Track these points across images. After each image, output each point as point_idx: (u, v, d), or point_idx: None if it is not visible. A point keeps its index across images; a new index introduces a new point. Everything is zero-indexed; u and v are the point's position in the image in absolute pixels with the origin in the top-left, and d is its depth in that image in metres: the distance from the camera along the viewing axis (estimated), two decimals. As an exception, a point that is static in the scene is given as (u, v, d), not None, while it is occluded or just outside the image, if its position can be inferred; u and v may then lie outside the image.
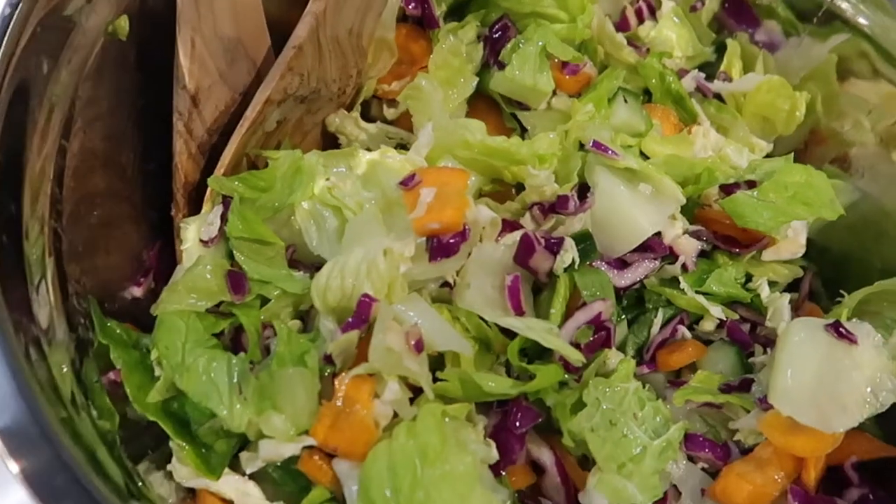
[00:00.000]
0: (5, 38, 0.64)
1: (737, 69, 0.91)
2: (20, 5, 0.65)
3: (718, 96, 0.90)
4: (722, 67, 0.91)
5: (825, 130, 0.90)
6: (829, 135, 0.90)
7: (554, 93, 0.87)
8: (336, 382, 0.69)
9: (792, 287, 0.86)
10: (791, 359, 0.68)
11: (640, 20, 0.93)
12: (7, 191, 0.63)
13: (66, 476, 0.55)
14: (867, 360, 0.68)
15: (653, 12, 0.93)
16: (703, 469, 0.73)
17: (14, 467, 0.54)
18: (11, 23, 0.64)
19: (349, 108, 0.89)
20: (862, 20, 0.84)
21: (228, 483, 0.71)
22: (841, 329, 0.68)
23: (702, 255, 0.81)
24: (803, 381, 0.66)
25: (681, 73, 0.89)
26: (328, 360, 0.70)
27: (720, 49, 0.93)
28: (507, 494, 0.68)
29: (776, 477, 0.68)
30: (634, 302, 0.81)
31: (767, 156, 0.90)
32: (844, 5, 0.85)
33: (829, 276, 0.87)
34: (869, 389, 0.66)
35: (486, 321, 0.73)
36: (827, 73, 0.88)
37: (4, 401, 0.56)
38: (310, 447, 0.69)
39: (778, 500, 0.69)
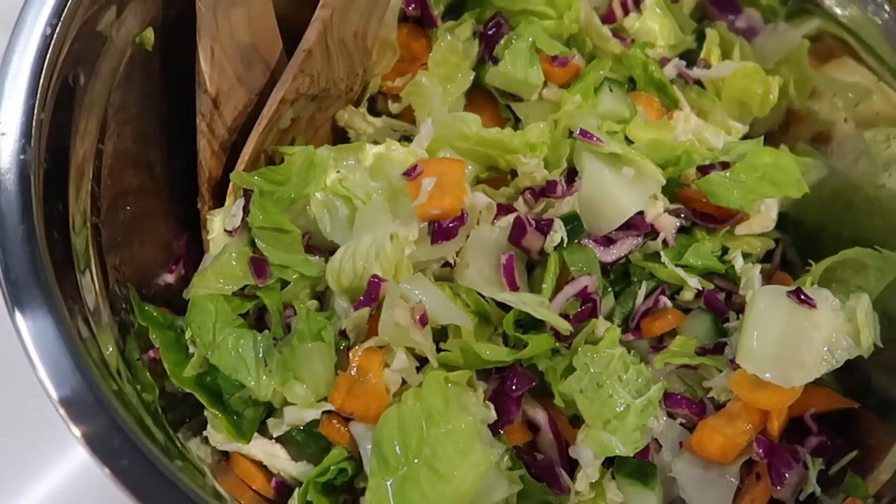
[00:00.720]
0: (48, 56, 0.69)
1: (715, 56, 0.96)
2: (59, 25, 0.69)
3: (699, 82, 0.95)
4: (702, 55, 0.96)
5: (801, 111, 0.95)
6: (805, 115, 0.95)
7: (545, 84, 0.91)
8: (350, 355, 0.75)
9: (768, 257, 0.93)
10: (757, 323, 0.74)
11: (626, 12, 0.98)
12: (55, 192, 0.69)
13: (121, 438, 0.61)
14: (825, 322, 0.74)
15: (637, 4, 0.98)
16: (681, 424, 0.79)
17: (76, 431, 0.61)
18: (52, 42, 0.69)
19: (357, 104, 0.93)
20: (834, 8, 0.90)
21: (258, 446, 0.78)
22: (802, 295, 0.74)
23: (681, 230, 0.86)
24: (767, 343, 0.73)
25: (663, 62, 0.94)
26: (343, 334, 0.77)
27: (701, 37, 0.98)
28: (503, 450, 0.74)
29: (744, 428, 0.75)
30: (621, 275, 0.86)
31: (745, 136, 0.95)
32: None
33: (804, 247, 0.92)
34: (826, 348, 0.73)
35: (483, 297, 0.78)
36: (799, 57, 0.93)
37: (64, 375, 0.62)
38: (328, 412, 0.76)
39: (746, 448, 0.75)
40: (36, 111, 0.67)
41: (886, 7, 0.84)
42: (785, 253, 0.94)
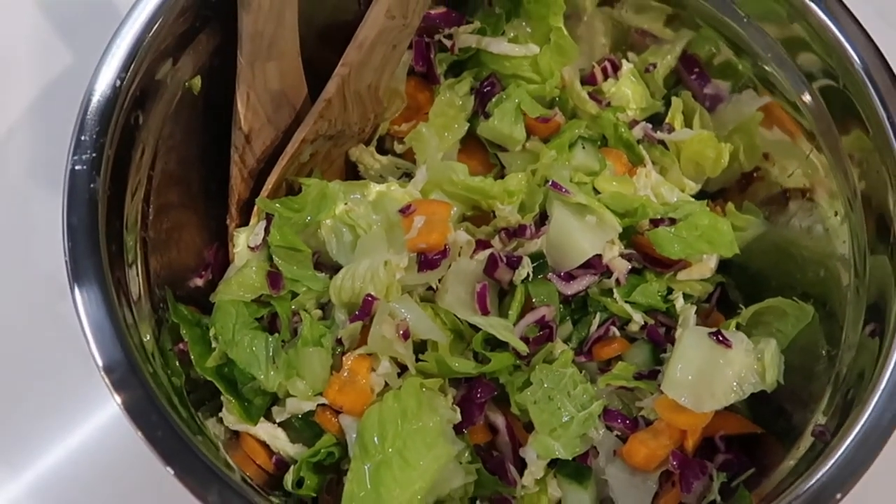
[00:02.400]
0: (116, 102, 0.81)
1: (678, 121, 1.08)
2: (126, 77, 0.81)
3: (662, 142, 1.06)
4: (667, 119, 1.08)
5: (754, 174, 1.07)
6: (757, 178, 1.07)
7: (528, 137, 1.04)
8: (344, 359, 0.87)
9: (711, 298, 1.05)
10: (681, 357, 0.87)
11: (605, 76, 1.11)
12: (115, 213, 0.81)
13: (154, 410, 0.73)
14: (737, 360, 0.86)
15: (615, 71, 1.10)
16: (616, 436, 0.91)
17: (118, 398, 0.73)
18: (120, 90, 0.81)
19: (367, 143, 1.05)
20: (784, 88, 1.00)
21: (263, 428, 0.90)
22: (720, 336, 0.87)
23: (634, 272, 0.97)
24: (687, 374, 0.85)
25: (632, 124, 1.06)
26: (339, 342, 0.88)
27: (669, 102, 1.09)
28: (464, 446, 0.86)
29: (665, 443, 0.87)
30: (580, 306, 0.97)
31: (701, 192, 1.08)
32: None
33: (746, 290, 1.04)
34: (735, 382, 0.85)
35: (459, 318, 0.89)
36: (750, 127, 1.04)
37: (113, 355, 0.74)
38: (323, 405, 0.87)
39: (665, 460, 0.88)
40: (105, 148, 0.80)
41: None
42: (728, 294, 1.06)
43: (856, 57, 0.88)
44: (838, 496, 0.72)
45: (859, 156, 0.89)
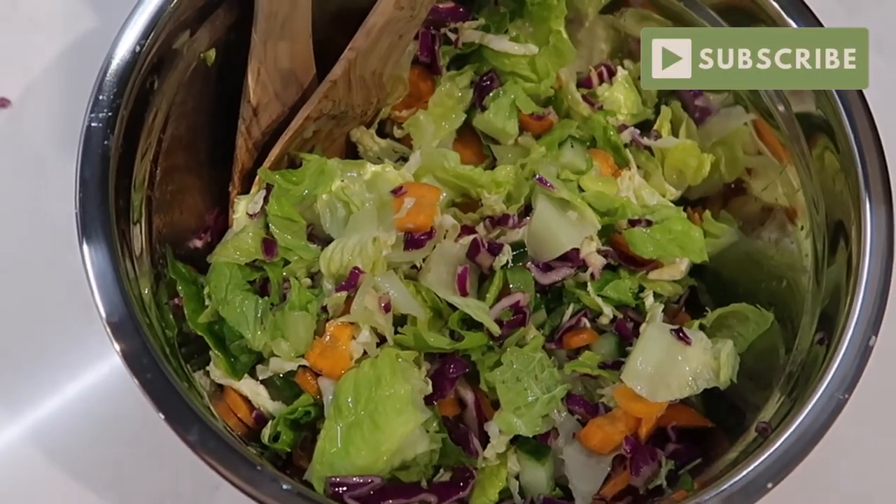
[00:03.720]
0: (134, 67, 0.86)
1: (666, 129, 1.12)
2: (146, 44, 0.86)
3: (648, 148, 1.11)
4: (655, 126, 1.12)
5: (734, 186, 1.12)
6: (738, 190, 1.11)
7: (521, 132, 1.09)
8: (327, 325, 0.90)
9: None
10: (643, 350, 0.92)
11: (601, 81, 1.16)
12: (125, 172, 0.86)
13: (148, 358, 0.78)
14: (695, 357, 0.91)
15: (611, 77, 1.15)
16: (577, 419, 0.96)
17: (117, 347, 0.78)
18: (138, 58, 0.86)
19: (368, 126, 1.10)
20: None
21: (246, 384, 0.94)
22: (681, 333, 0.92)
23: (610, 268, 1.02)
24: (646, 366, 0.90)
25: (621, 128, 1.10)
26: (324, 309, 0.92)
27: (659, 111, 1.14)
28: (431, 415, 0.91)
29: (621, 429, 0.92)
30: (556, 296, 1.02)
31: (683, 198, 1.13)
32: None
33: (717, 295, 1.08)
34: (691, 378, 0.90)
35: (439, 297, 0.94)
36: (733, 141, 1.08)
37: (115, 305, 0.79)
38: (304, 367, 0.91)
39: (619, 445, 0.93)
40: (121, 108, 0.85)
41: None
42: (698, 298, 1.11)
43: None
44: (769, 485, 0.77)
45: (826, 175, 0.94)
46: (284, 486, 0.76)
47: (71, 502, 1.08)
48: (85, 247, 0.83)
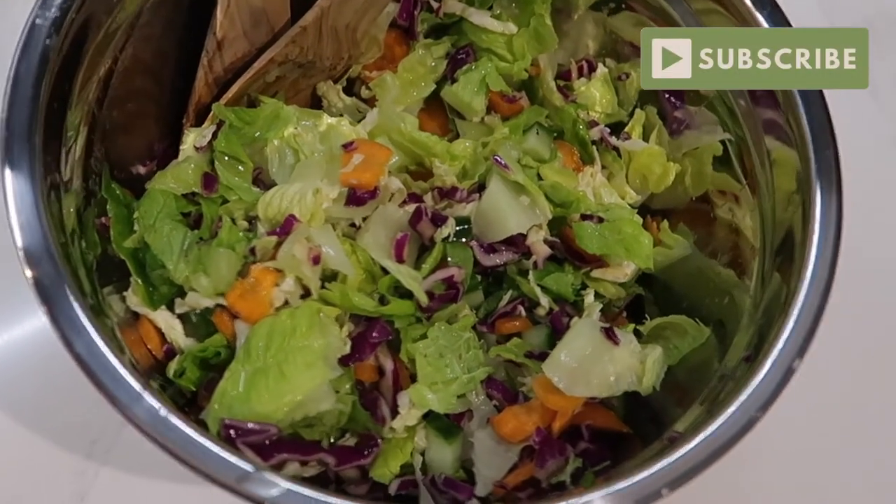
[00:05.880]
0: None
1: (637, 133, 1.11)
2: None
3: (616, 148, 1.10)
4: (626, 129, 1.11)
5: (697, 201, 1.10)
6: (702, 206, 1.09)
7: (489, 111, 1.08)
8: (252, 268, 0.88)
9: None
10: (569, 343, 0.90)
11: (580, 75, 1.14)
12: (65, 74, 0.83)
13: (58, 283, 0.76)
14: (621, 358, 0.89)
15: (590, 73, 1.14)
16: (494, 405, 0.94)
17: (28, 273, 0.76)
18: None
19: (336, 81, 1.09)
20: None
21: (161, 316, 0.92)
22: (610, 332, 0.91)
23: (555, 260, 1.00)
24: (570, 359, 0.88)
25: (591, 124, 1.09)
26: (252, 251, 0.90)
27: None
28: (342, 373, 0.88)
29: (534, 420, 0.90)
30: (497, 281, 1.01)
31: (645, 206, 1.11)
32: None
33: (663, 306, 1.06)
34: (613, 378, 0.88)
35: (374, 260, 0.92)
36: (703, 156, 1.06)
37: (31, 228, 0.77)
38: (222, 306, 0.89)
39: (530, 435, 0.91)
40: (70, 11, 0.82)
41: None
42: (644, 307, 1.09)
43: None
44: (665, 491, 0.75)
45: (780, 196, 0.92)
46: (161, 413, 0.74)
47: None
48: (7, 171, 0.79)
